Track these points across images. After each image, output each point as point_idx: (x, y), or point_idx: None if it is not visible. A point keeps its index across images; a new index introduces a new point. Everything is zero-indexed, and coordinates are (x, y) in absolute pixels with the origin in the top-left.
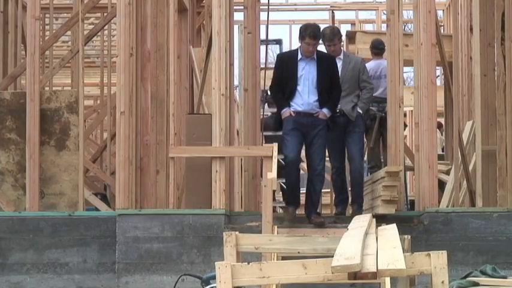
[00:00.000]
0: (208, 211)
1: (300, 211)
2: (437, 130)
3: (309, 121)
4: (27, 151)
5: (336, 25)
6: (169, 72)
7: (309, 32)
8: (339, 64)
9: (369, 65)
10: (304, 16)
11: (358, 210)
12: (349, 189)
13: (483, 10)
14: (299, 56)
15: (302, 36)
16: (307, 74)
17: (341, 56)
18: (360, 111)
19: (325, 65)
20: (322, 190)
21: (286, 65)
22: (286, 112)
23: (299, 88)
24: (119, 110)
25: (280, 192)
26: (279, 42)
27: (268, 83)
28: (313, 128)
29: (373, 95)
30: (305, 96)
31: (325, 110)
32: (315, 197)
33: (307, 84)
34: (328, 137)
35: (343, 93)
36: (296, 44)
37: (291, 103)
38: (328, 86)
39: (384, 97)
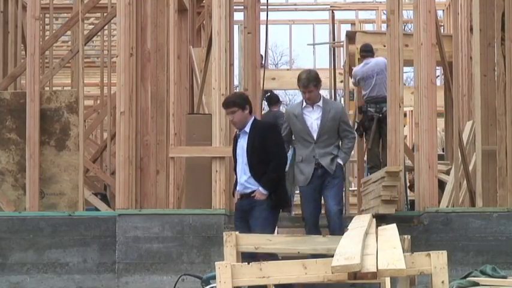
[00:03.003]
0: (208, 211)
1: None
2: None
3: (247, 203)
4: (27, 151)
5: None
6: (169, 72)
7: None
8: (318, 112)
9: (360, 68)
10: (304, 16)
11: None
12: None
13: (483, 10)
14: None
15: None
16: (240, 150)
17: (320, 104)
18: (341, 162)
19: (256, 136)
20: None
21: (233, 144)
22: (235, 195)
23: (236, 167)
24: (119, 110)
25: None
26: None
27: (267, 83)
28: (251, 210)
29: (370, 95)
30: (238, 176)
31: (260, 189)
32: None
33: (240, 161)
34: (303, 189)
35: (320, 144)
36: (295, 45)
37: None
38: (263, 157)
39: (383, 96)
